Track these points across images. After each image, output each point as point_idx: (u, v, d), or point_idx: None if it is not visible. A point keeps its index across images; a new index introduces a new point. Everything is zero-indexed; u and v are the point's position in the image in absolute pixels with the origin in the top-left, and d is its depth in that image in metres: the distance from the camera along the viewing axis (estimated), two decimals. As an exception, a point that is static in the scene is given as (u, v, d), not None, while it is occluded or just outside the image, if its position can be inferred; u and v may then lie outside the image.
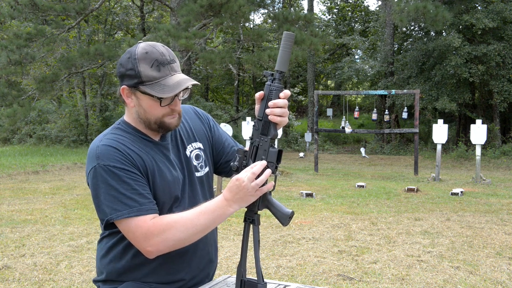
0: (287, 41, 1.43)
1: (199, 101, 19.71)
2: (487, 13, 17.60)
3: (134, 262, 1.63)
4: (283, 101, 1.44)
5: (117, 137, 1.58)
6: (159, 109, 1.55)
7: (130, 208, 1.48)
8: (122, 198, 1.48)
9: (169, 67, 1.52)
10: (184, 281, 1.68)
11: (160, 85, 1.50)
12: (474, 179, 11.00)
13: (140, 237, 1.48)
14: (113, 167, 1.50)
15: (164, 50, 1.54)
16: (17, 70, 12.53)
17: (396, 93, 14.08)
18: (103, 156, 1.51)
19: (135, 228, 1.48)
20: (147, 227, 1.47)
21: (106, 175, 1.49)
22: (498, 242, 5.22)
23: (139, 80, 1.51)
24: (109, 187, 1.49)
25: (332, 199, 8.30)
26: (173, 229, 1.48)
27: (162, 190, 1.59)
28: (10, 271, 4.13)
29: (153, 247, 1.48)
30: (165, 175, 1.60)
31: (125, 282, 1.64)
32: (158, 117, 1.57)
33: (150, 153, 1.60)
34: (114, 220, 1.49)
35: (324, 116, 28.84)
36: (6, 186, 9.88)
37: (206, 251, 1.73)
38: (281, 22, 13.10)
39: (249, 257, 1.54)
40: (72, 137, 22.71)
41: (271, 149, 1.45)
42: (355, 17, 33.00)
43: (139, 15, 24.71)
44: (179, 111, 1.61)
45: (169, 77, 1.51)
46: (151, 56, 1.51)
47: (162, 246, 1.49)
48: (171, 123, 1.59)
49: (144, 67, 1.50)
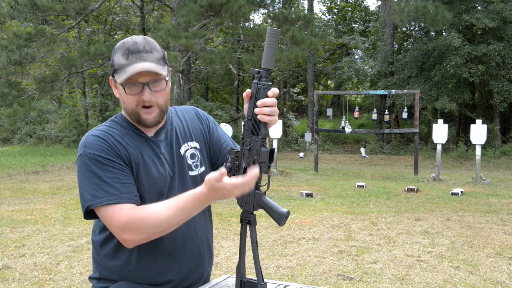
0: (272, 37, 1.39)
1: (199, 101, 19.68)
2: (487, 13, 17.60)
3: (125, 261, 1.63)
4: (272, 100, 1.41)
5: (108, 129, 1.61)
6: (128, 98, 1.57)
7: (110, 196, 1.49)
8: (104, 185, 1.50)
9: (137, 55, 1.53)
10: (173, 283, 1.66)
11: (124, 72, 1.52)
12: (474, 179, 10.99)
13: (116, 226, 1.49)
14: (98, 156, 1.53)
15: (140, 40, 1.56)
16: (17, 70, 12.52)
17: (396, 93, 14.09)
18: (90, 145, 1.55)
19: (111, 216, 1.49)
20: (123, 216, 1.48)
21: (90, 163, 1.52)
22: (498, 242, 5.22)
23: (113, 69, 1.56)
24: (92, 174, 1.52)
25: (332, 199, 8.30)
26: (147, 222, 1.47)
27: (147, 185, 1.59)
28: (10, 271, 4.13)
29: (127, 236, 1.49)
30: (151, 170, 1.60)
31: (118, 282, 1.64)
32: (133, 107, 1.58)
33: (139, 147, 1.62)
34: (93, 207, 1.51)
35: (324, 116, 28.85)
36: (6, 186, 9.88)
37: (196, 251, 1.71)
38: (281, 22, 13.10)
39: (249, 257, 1.54)
40: (72, 137, 22.71)
41: (263, 148, 1.42)
42: (355, 17, 32.99)
43: (139, 15, 24.69)
44: (159, 105, 1.59)
45: (133, 64, 1.52)
46: (125, 46, 1.55)
47: (136, 236, 1.49)
48: (147, 119, 1.59)
49: (117, 56, 1.55)
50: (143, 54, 1.54)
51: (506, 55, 17.79)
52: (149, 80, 1.55)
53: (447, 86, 19.03)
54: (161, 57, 1.58)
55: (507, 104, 18.48)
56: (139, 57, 1.53)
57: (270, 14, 16.25)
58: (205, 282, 1.76)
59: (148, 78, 1.54)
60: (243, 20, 13.62)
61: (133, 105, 1.57)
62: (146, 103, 1.57)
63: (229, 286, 1.69)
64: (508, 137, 19.34)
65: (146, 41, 1.57)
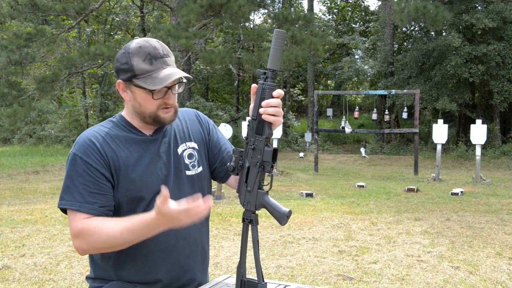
0: (278, 38, 1.42)
1: (199, 101, 19.63)
2: (487, 13, 17.60)
3: (117, 258, 1.63)
4: (276, 101, 1.43)
5: (102, 129, 1.63)
6: (152, 102, 1.58)
7: (74, 202, 1.53)
8: (73, 189, 1.54)
9: (161, 61, 1.56)
10: (162, 282, 1.65)
11: (152, 78, 1.54)
12: (474, 179, 10.99)
13: (72, 230, 1.54)
14: (80, 158, 1.56)
15: (157, 45, 1.58)
16: (17, 70, 12.53)
17: (396, 93, 14.09)
18: (78, 145, 1.59)
19: (70, 221, 1.55)
20: (78, 224, 1.52)
21: (71, 164, 1.57)
22: (498, 242, 5.22)
23: (133, 73, 1.55)
24: (68, 175, 1.57)
25: (332, 199, 8.29)
26: (96, 236, 1.50)
27: (138, 184, 1.60)
28: (10, 271, 4.13)
29: (77, 244, 1.53)
30: (142, 170, 1.61)
31: (110, 282, 1.65)
32: (153, 110, 1.60)
33: (133, 148, 1.63)
34: (59, 206, 1.57)
35: (324, 116, 28.84)
36: (6, 186, 9.88)
37: (189, 251, 1.70)
38: (281, 22, 13.10)
39: (249, 257, 1.54)
40: (72, 137, 22.70)
41: (266, 148, 1.45)
42: (355, 17, 33.00)
43: (139, 15, 24.69)
44: (174, 105, 1.63)
45: (161, 70, 1.55)
46: (144, 50, 1.55)
47: (86, 246, 1.52)
48: (166, 118, 1.62)
49: (137, 61, 1.54)
50: (166, 60, 1.57)
51: (506, 55, 17.79)
52: (173, 84, 1.59)
53: (447, 86, 19.03)
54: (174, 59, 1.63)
55: (507, 104, 18.48)
56: (164, 62, 1.56)
57: (270, 14, 16.24)
58: (200, 285, 1.74)
59: (173, 83, 1.59)
60: (243, 20, 13.61)
61: (153, 109, 1.60)
62: (168, 106, 1.60)
63: (229, 286, 1.69)
64: (508, 137, 19.33)
65: (162, 45, 1.60)
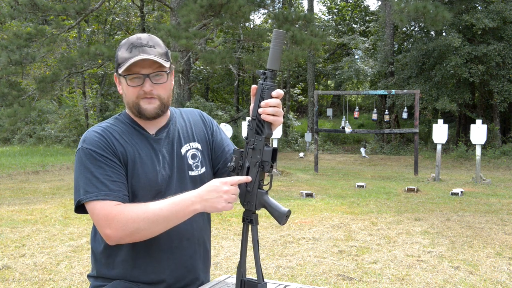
0: (278, 39, 1.43)
1: (199, 101, 19.61)
2: (487, 13, 17.60)
3: (121, 258, 1.63)
4: (276, 101, 1.43)
5: (109, 126, 1.65)
6: (130, 90, 1.60)
7: (99, 191, 1.52)
8: (95, 181, 1.53)
9: (140, 49, 1.57)
10: (166, 282, 1.66)
11: (126, 63, 1.57)
12: (474, 179, 10.99)
13: (101, 220, 1.51)
14: (94, 151, 1.57)
15: (144, 36, 1.61)
16: (17, 70, 12.53)
17: (396, 93, 14.09)
18: (88, 140, 1.59)
19: (99, 210, 1.52)
20: (109, 211, 1.50)
21: (85, 158, 1.57)
22: (498, 242, 5.22)
23: (117, 63, 1.60)
24: (86, 169, 1.56)
25: (332, 199, 8.29)
26: (134, 216, 1.49)
27: (143, 182, 1.61)
28: (10, 271, 4.12)
29: (112, 231, 1.49)
30: (148, 168, 1.62)
31: (114, 281, 1.64)
32: (133, 99, 1.61)
33: (138, 145, 1.64)
34: (84, 201, 1.54)
35: (324, 116, 28.84)
36: (6, 186, 9.88)
37: (192, 250, 1.71)
38: (281, 22, 13.09)
39: (249, 257, 1.54)
40: (72, 137, 22.69)
41: (266, 148, 1.46)
42: (355, 17, 33.00)
43: (139, 15, 24.69)
44: (160, 97, 1.63)
45: (136, 56, 1.56)
46: (129, 41, 1.60)
47: (121, 232, 1.49)
48: (147, 109, 1.62)
49: (122, 51, 1.59)
50: (146, 48, 1.58)
51: (506, 55, 17.79)
52: (150, 72, 1.59)
53: (447, 86, 19.02)
54: (164, 53, 1.62)
55: (507, 104, 18.47)
56: (142, 51, 1.57)
57: (270, 14, 16.25)
58: (201, 285, 1.75)
59: (150, 70, 1.58)
60: (243, 20, 13.61)
61: (133, 97, 1.61)
62: (147, 95, 1.60)
63: (229, 286, 1.69)
64: (508, 137, 19.33)
65: (150, 37, 1.62)
